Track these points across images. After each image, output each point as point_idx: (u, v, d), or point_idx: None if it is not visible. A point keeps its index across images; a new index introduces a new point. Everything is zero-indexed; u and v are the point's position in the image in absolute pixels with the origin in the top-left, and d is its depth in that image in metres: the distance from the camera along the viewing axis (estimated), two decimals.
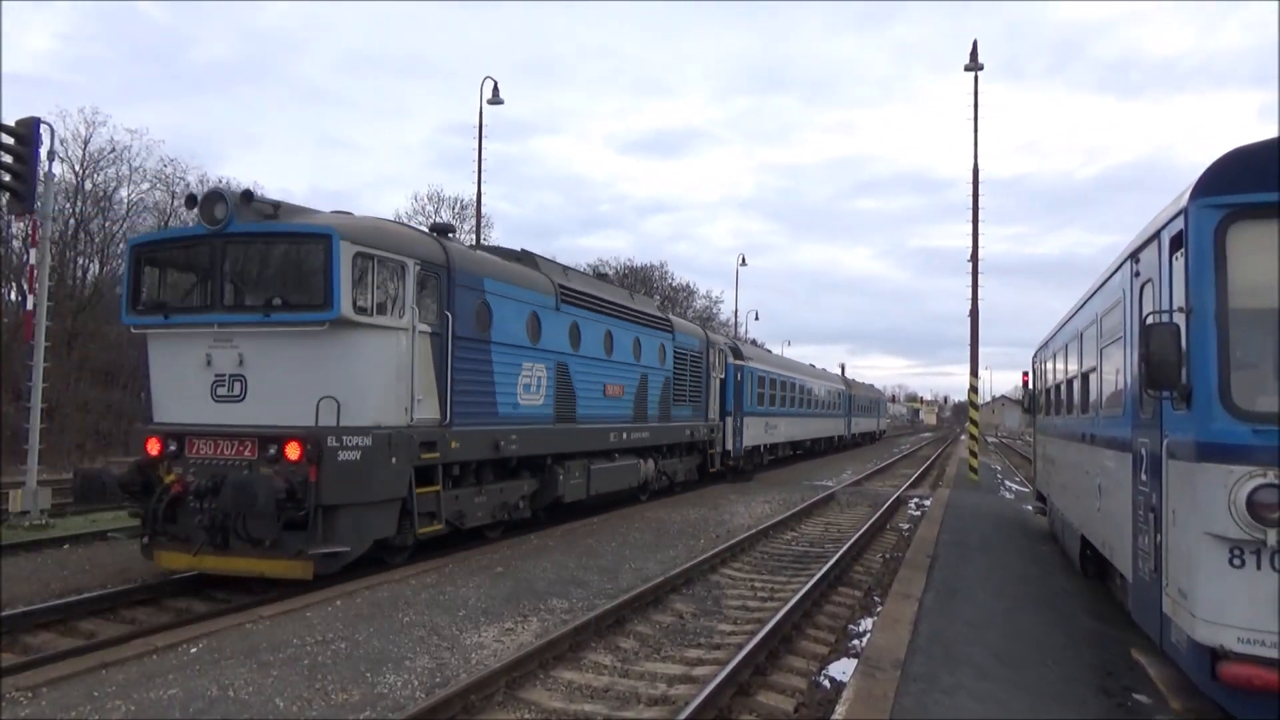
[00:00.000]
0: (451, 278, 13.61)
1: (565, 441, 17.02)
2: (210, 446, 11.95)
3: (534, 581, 12.70)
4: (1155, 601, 7.84)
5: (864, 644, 9.71)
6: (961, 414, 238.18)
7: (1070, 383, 13.33)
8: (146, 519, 11.86)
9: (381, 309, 12.41)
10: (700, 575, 13.66)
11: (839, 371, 70.36)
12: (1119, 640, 9.93)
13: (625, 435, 19.83)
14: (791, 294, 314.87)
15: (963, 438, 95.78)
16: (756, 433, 32.55)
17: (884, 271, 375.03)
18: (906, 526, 19.58)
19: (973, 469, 31.63)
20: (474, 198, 37.37)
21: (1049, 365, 16.09)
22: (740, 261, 61.22)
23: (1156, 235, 7.97)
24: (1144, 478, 8.25)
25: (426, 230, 13.87)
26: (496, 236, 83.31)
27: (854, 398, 59.61)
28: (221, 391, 12.12)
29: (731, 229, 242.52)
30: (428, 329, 13.08)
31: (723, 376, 27.49)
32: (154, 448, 12.13)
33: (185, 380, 12.23)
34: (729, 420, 28.39)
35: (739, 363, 30.76)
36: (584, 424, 17.85)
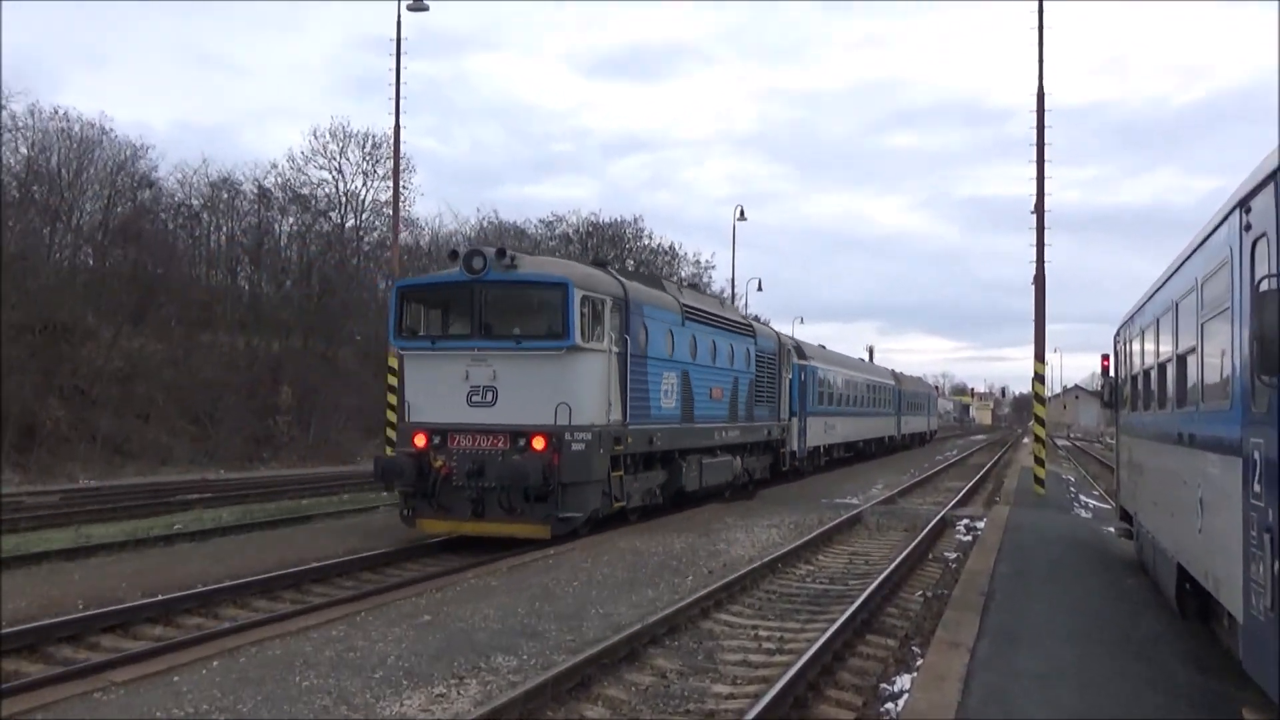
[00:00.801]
0: (628, 308, 21.55)
1: (688, 438, 24.74)
2: (469, 440, 19.84)
3: (472, 632, 12.77)
4: (1274, 647, 7.91)
5: (900, 708, 9.85)
6: (1023, 409, 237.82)
7: (1162, 368, 13.50)
8: (419, 495, 19.72)
9: (594, 336, 20.30)
10: (688, 622, 13.82)
11: (865, 358, 71.01)
12: (1227, 697, 10.10)
13: (724, 434, 27.55)
14: (804, 257, 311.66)
15: (1025, 440, 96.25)
16: (817, 433, 40.83)
17: (923, 227, 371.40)
18: (954, 556, 19.92)
19: (1038, 480, 31.81)
20: (390, 134, 37.21)
21: (1135, 346, 16.36)
22: (738, 215, 60.52)
23: (1273, 176, 7.93)
24: (1258, 489, 8.30)
25: (609, 270, 22.68)
26: (421, 182, 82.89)
27: (904, 393, 66.61)
28: (476, 399, 20.02)
29: (727, 173, 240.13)
30: (615, 350, 20.99)
31: (789, 377, 34.99)
32: (421, 440, 19.95)
33: (445, 390, 20.04)
34: (794, 420, 36.06)
35: (802, 362, 38.80)
36: (699, 423, 25.59)
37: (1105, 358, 21.50)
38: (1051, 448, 74.28)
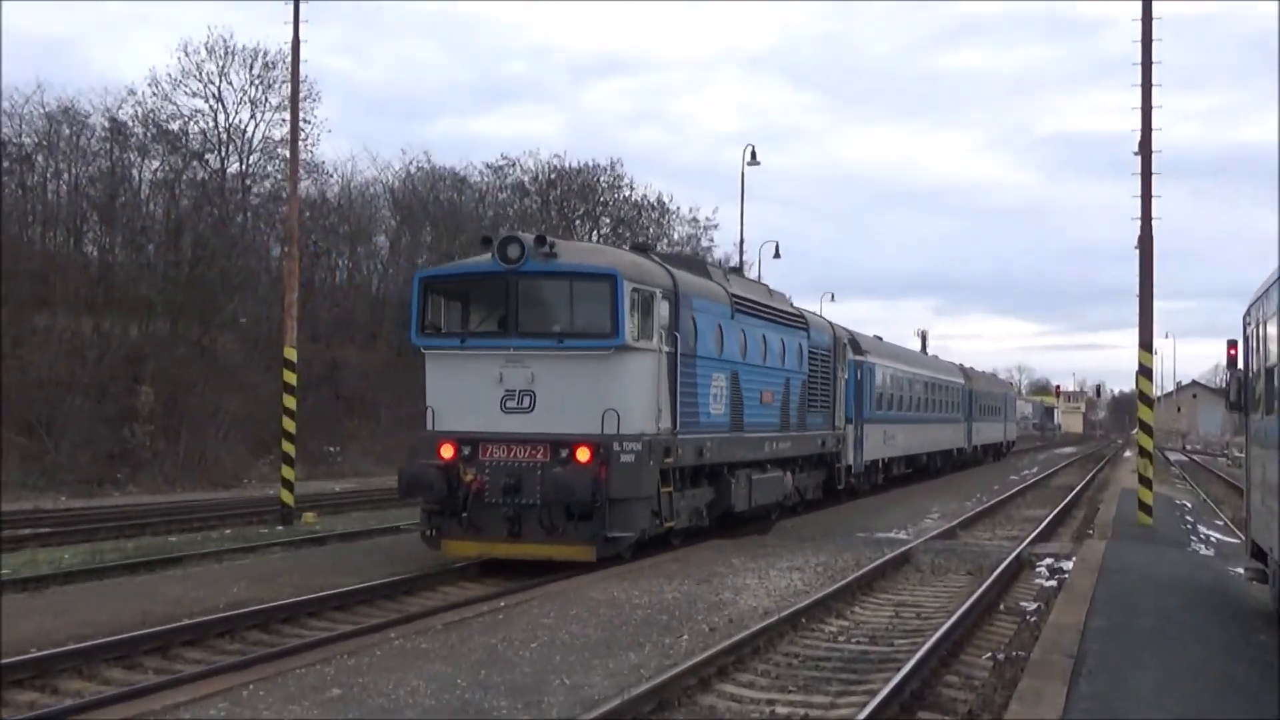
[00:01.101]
0: (678, 301, 24.13)
1: (738, 450, 27.50)
2: (504, 450, 22.45)
3: (396, 711, 12.72)
4: None
5: None
6: (1124, 413, 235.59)
7: None
8: (446, 513, 22.47)
9: (644, 334, 22.87)
10: (683, 695, 13.83)
11: (918, 347, 71.49)
12: None
13: (775, 445, 30.34)
14: (834, 213, 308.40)
15: (1127, 453, 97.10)
16: (875, 444, 43.72)
17: (992, 174, 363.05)
18: (1033, 607, 20.18)
19: (1144, 506, 32.09)
20: (287, 50, 36.86)
21: (1273, 330, 16.68)
22: (748, 157, 59.95)
23: None
24: None
25: (651, 256, 25.61)
26: (329, 115, 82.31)
27: (975, 394, 70.24)
28: (511, 404, 22.58)
29: (734, 104, 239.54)
30: (665, 349, 23.59)
31: (844, 376, 38.09)
32: (448, 451, 22.57)
33: (475, 394, 22.70)
34: (849, 429, 39.05)
35: (858, 358, 41.83)
36: (749, 432, 28.23)
37: (1232, 345, 21.76)
38: (1161, 463, 73.69)
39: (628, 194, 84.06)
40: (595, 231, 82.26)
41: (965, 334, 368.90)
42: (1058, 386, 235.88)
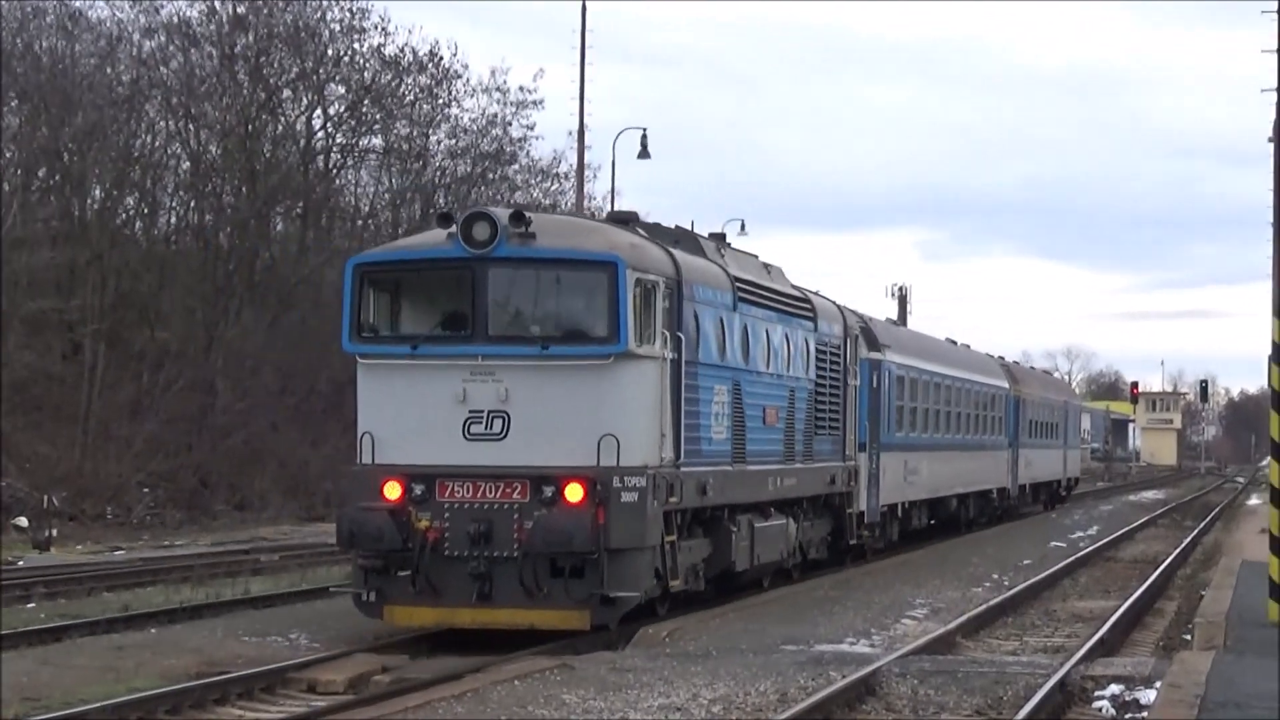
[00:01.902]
0: (680, 292, 21.85)
1: (740, 488, 24.96)
2: (469, 489, 20.04)
3: None
4: None
5: None
6: (1248, 429, 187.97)
7: None
8: (391, 570, 20.02)
9: (646, 337, 20.82)
10: None
11: (896, 314, 58.96)
12: None
13: (779, 481, 26.79)
14: (753, 82, 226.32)
15: (1252, 499, 78.30)
16: (894, 482, 36.58)
17: (1023, 13, 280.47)
18: None
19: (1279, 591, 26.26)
20: None
21: None
22: None
23: None
24: None
25: (635, 229, 23.00)
26: None
27: (1024, 404, 57.17)
28: (477, 429, 20.17)
29: None
30: (669, 355, 21.51)
31: (857, 383, 33.01)
32: (394, 491, 20.01)
33: (430, 416, 20.40)
34: (862, 458, 33.49)
35: (874, 356, 35.00)
36: (751, 463, 25.39)
37: None
38: None
39: (378, 44, 58.05)
40: (321, 110, 58.48)
41: (972, 293, 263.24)
42: (1134, 385, 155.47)
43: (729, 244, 27.92)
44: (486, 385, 19.93)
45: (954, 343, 51.84)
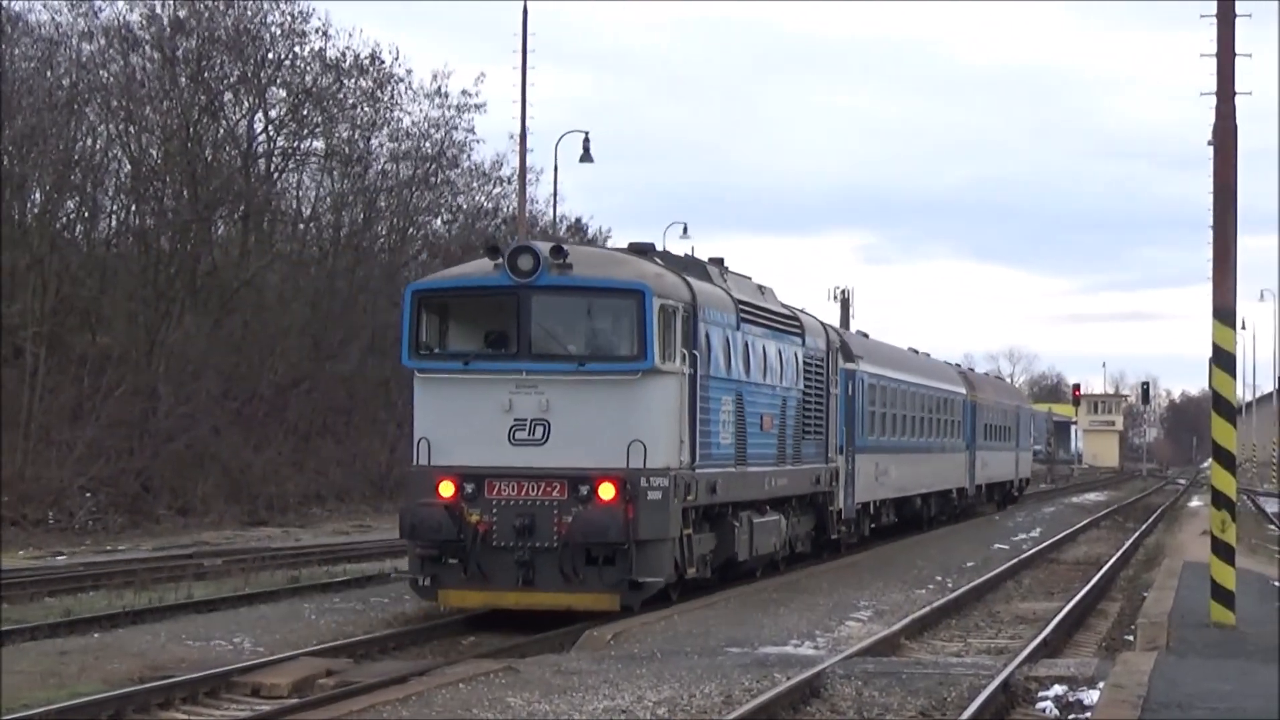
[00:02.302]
0: (695, 315, 24.91)
1: (743, 487, 27.98)
2: (514, 488, 22.92)
3: None
4: None
5: None
6: (1189, 431, 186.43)
7: None
8: (445, 559, 23.07)
9: (668, 355, 23.87)
10: None
11: (838, 318, 60.23)
12: None
13: (773, 481, 29.77)
14: (697, 83, 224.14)
15: (1194, 501, 79.35)
16: (867, 482, 39.57)
17: (967, 14, 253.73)
18: None
19: (1222, 594, 26.55)
20: None
21: None
22: None
23: None
24: None
25: (653, 259, 26.19)
26: None
27: (979, 409, 60.10)
28: (521, 435, 23.08)
29: None
30: (686, 370, 24.56)
31: (837, 391, 36.16)
32: (448, 489, 22.87)
33: (479, 424, 23.29)
34: (840, 459, 36.41)
35: (849, 367, 38.14)
36: (751, 465, 28.38)
37: None
38: (1252, 518, 62.45)
39: (319, 47, 58.17)
40: (262, 113, 58.52)
41: (915, 296, 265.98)
42: (1076, 387, 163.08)
43: (727, 268, 30.62)
44: (529, 396, 22.98)
45: (916, 352, 55.15)
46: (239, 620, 24.19)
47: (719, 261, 30.56)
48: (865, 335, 47.43)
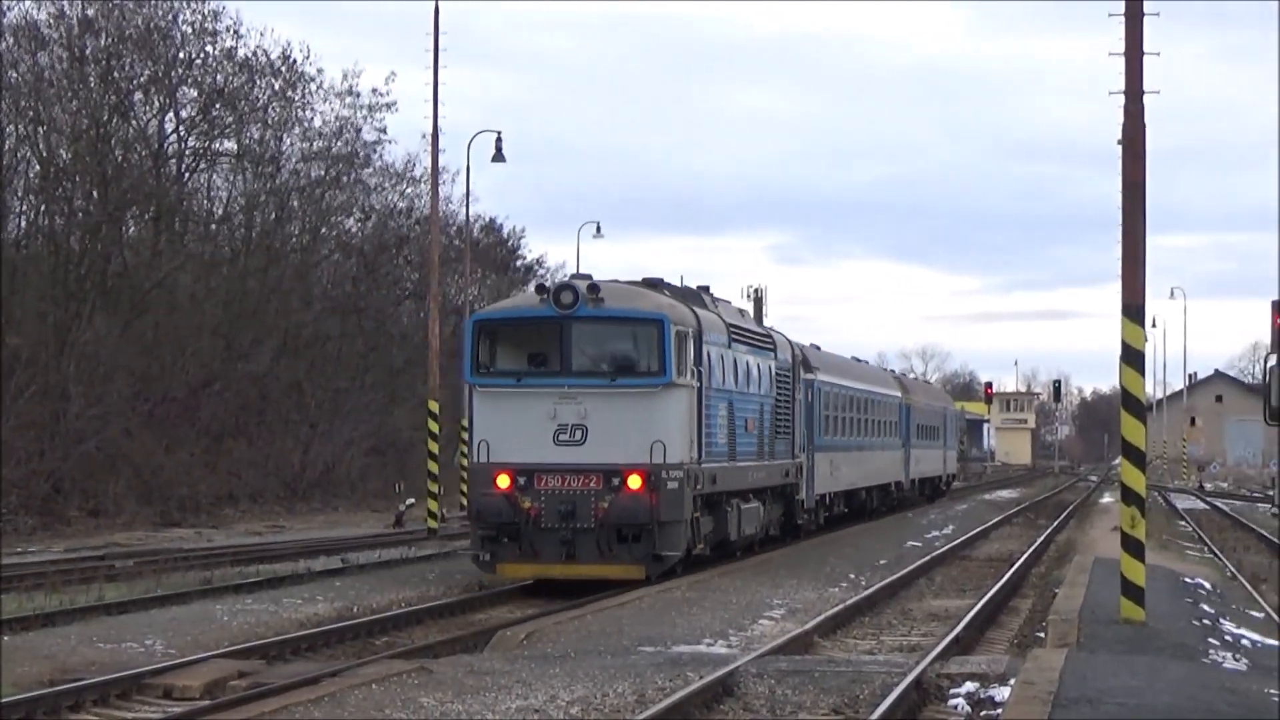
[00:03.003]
0: (700, 338, 30.14)
1: (733, 479, 33.01)
2: (558, 480, 27.76)
3: None
4: None
5: None
6: (1100, 429, 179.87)
7: None
8: (502, 539, 27.96)
9: (682, 371, 28.85)
10: None
11: (753, 314, 62.62)
12: None
13: (755, 474, 35.19)
14: (612, 82, 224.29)
15: (1105, 498, 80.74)
16: (824, 476, 45.03)
17: (881, 14, 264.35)
18: None
19: (1132, 590, 26.51)
20: None
21: None
22: None
23: None
24: None
25: (663, 290, 31.25)
26: None
27: (913, 411, 66.05)
28: (563, 437, 27.89)
29: None
30: (695, 384, 29.78)
31: (800, 398, 41.74)
32: (504, 481, 27.74)
33: (529, 428, 28.12)
34: (803, 457, 41.87)
35: (809, 376, 43.67)
36: (740, 461, 33.68)
37: None
38: (1162, 514, 62.82)
39: (230, 47, 57.82)
40: (173, 113, 57.91)
41: (829, 293, 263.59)
42: (988, 385, 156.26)
43: (714, 296, 35.73)
44: (570, 406, 27.84)
45: (860, 360, 62.76)
46: (150, 622, 23.97)
47: (705, 289, 35.38)
48: (818, 348, 50.68)
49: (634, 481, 27.48)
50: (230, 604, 26.46)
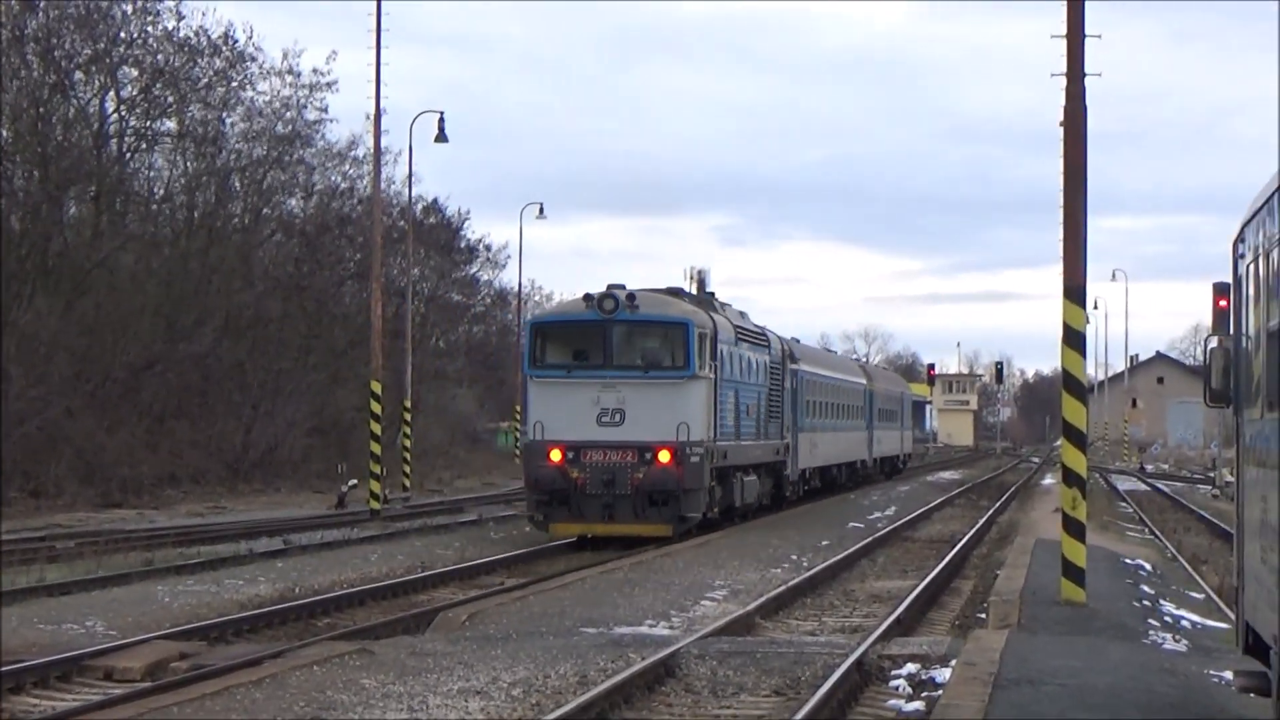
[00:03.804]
0: (715, 338, 36.59)
1: (737, 455, 39.42)
2: (601, 454, 33.82)
3: None
4: None
5: None
6: (1042, 411, 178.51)
7: None
8: (554, 503, 33.98)
9: (702, 365, 35.26)
10: None
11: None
12: None
13: (753, 452, 41.71)
14: (557, 66, 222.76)
15: (1047, 479, 79.61)
16: (806, 453, 51.37)
17: None
18: None
19: (1072, 571, 26.66)
20: None
21: None
22: None
23: None
24: None
25: (684, 297, 38.61)
26: None
27: (875, 396, 72.83)
28: (605, 419, 34.08)
29: None
30: (711, 376, 36.07)
31: (788, 386, 47.99)
32: (557, 455, 33.57)
33: (576, 412, 34.09)
34: (789, 437, 48.16)
35: (793, 367, 49.61)
36: (742, 440, 40.06)
37: (1223, 293, 16.91)
38: (1103, 495, 62.84)
39: (172, 26, 57.16)
40: (114, 93, 57.54)
41: (771, 274, 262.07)
42: (930, 367, 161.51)
43: (720, 301, 41.92)
44: (611, 393, 33.77)
45: (831, 351, 76.46)
46: (91, 603, 23.75)
47: (711, 295, 41.51)
48: (798, 341, 56.95)
49: (664, 456, 33.01)
50: (172, 585, 26.10)
